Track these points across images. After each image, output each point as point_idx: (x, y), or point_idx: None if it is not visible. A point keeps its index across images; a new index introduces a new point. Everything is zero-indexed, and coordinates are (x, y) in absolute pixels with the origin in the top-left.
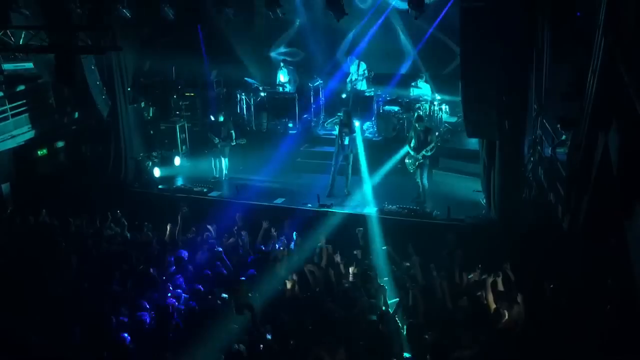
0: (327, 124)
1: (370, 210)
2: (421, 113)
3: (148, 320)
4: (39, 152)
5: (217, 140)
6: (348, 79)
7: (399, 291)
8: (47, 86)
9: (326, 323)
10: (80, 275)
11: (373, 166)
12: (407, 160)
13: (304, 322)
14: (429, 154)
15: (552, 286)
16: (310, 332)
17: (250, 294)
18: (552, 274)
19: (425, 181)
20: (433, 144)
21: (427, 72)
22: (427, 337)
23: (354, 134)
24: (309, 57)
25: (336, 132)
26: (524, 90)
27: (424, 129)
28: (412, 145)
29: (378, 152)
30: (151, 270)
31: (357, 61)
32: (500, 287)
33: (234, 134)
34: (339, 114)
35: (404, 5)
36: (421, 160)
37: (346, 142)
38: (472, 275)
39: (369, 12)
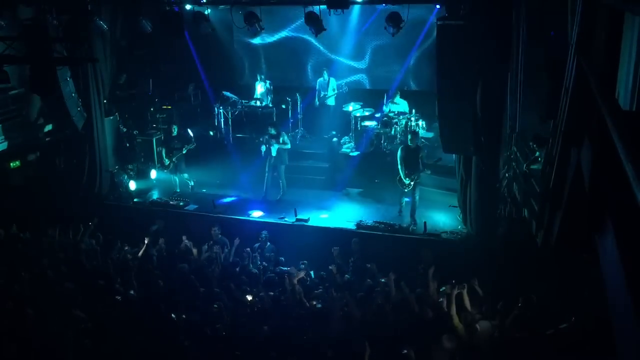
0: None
1: (348, 224)
2: (416, 129)
3: None
4: (11, 164)
5: (166, 162)
6: (318, 95)
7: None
8: (21, 97)
9: None
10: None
11: (351, 181)
12: (403, 181)
13: None
14: (422, 173)
15: (523, 302)
16: None
17: None
18: (526, 289)
19: (416, 198)
20: (424, 168)
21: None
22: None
23: (284, 146)
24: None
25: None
26: (499, 107)
27: (415, 147)
28: (403, 169)
29: (356, 167)
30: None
31: (327, 77)
32: (466, 301)
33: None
34: (270, 129)
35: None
36: (417, 180)
37: (273, 153)
38: (444, 288)
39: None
